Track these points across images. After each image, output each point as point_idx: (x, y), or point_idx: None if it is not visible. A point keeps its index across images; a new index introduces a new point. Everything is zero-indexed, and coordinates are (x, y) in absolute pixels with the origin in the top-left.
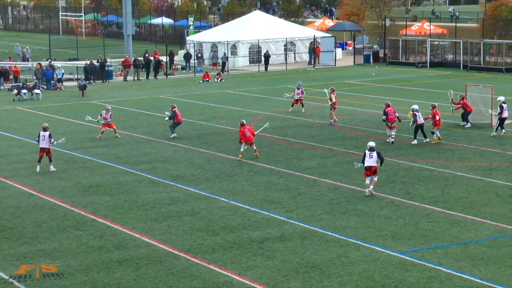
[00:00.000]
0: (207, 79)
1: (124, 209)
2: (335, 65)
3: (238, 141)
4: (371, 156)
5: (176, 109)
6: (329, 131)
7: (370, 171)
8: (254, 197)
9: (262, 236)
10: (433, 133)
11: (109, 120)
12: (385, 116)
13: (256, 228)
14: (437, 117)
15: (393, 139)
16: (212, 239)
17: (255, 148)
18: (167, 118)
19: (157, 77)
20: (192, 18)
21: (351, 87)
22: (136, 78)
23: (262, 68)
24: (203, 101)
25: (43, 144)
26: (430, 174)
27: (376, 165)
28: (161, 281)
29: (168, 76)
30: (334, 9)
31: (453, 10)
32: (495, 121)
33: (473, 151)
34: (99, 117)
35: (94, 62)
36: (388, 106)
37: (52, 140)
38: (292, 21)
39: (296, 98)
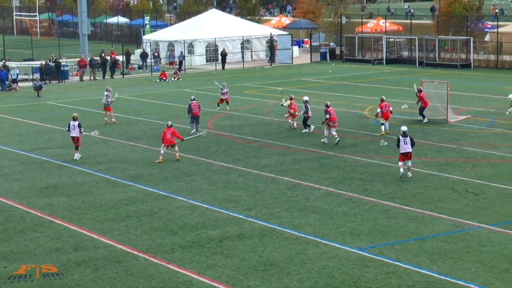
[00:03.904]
0: (164, 78)
1: (82, 210)
2: (292, 63)
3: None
4: (405, 142)
5: (194, 102)
6: (286, 129)
7: (406, 156)
8: (212, 196)
9: (221, 234)
10: (382, 124)
11: (113, 99)
12: (328, 116)
13: (215, 227)
14: (390, 109)
15: (338, 138)
16: (171, 238)
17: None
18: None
19: (114, 76)
20: (148, 17)
21: (308, 84)
22: (92, 78)
23: (219, 66)
24: (160, 100)
25: (74, 133)
26: (388, 170)
27: (411, 150)
28: (120, 281)
29: (125, 76)
30: (290, 7)
31: (408, 7)
32: (450, 117)
33: (430, 147)
34: (107, 99)
35: (49, 62)
36: (328, 106)
37: (82, 129)
38: (249, 19)
39: (221, 98)
